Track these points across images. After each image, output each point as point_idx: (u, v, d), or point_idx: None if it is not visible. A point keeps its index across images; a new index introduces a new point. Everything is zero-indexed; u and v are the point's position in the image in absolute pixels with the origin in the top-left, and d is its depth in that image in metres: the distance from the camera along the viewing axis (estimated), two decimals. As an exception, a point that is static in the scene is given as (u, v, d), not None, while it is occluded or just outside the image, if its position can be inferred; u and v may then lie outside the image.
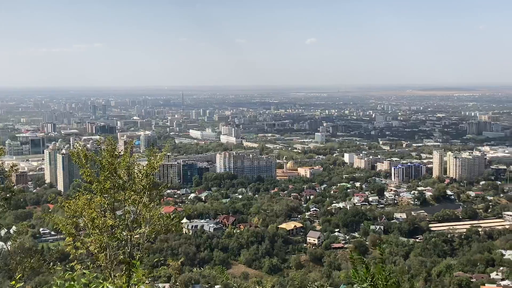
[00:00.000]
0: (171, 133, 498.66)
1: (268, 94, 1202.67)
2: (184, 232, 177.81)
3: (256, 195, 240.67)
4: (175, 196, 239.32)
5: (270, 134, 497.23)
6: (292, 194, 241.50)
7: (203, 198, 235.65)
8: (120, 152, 17.78)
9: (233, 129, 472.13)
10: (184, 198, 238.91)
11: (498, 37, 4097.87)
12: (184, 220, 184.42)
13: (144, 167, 17.63)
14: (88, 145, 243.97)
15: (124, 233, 17.13)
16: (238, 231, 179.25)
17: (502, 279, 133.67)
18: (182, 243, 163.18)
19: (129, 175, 17.71)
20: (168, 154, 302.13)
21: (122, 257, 16.69)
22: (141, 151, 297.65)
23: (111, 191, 17.28)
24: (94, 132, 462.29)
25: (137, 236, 17.45)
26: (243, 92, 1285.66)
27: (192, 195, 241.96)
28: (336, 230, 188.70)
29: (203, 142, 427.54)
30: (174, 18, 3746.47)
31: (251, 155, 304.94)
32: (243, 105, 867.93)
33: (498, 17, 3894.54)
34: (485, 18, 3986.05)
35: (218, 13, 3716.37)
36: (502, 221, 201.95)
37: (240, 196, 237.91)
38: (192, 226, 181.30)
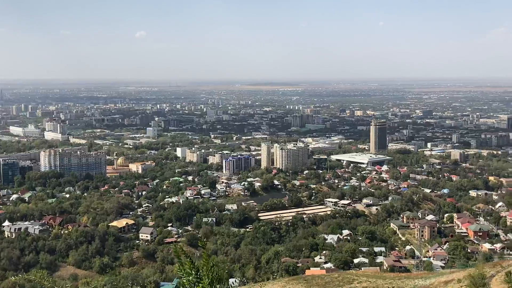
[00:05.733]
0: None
1: (96, 88, 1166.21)
2: (6, 236, 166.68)
3: (85, 194, 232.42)
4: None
5: (99, 130, 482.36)
6: (123, 191, 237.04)
7: (26, 198, 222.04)
8: None
9: (58, 125, 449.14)
10: (5, 199, 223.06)
11: (318, 34, 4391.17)
12: (6, 223, 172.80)
13: None
14: None
15: None
16: (66, 231, 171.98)
17: (325, 262, 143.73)
18: (5, 247, 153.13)
19: None
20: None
21: None
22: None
23: None
24: None
25: None
26: (68, 86, 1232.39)
27: (14, 196, 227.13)
28: (169, 224, 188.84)
29: (25, 140, 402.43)
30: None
31: (78, 152, 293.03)
32: (69, 99, 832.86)
33: (318, 15, 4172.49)
34: (307, 16, 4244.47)
35: (40, 1, 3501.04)
36: (324, 208, 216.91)
37: (67, 195, 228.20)
38: (15, 228, 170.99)
